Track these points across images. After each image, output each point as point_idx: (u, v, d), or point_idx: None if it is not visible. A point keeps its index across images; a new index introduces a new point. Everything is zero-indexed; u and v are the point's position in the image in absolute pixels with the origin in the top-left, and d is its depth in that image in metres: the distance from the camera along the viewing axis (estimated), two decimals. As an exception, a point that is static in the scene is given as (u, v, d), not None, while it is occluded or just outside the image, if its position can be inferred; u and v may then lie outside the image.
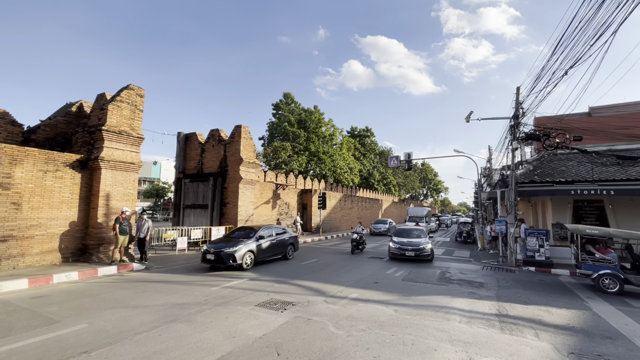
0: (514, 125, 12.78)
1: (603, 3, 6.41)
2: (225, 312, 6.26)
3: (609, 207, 12.91)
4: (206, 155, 18.45)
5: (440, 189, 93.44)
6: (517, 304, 7.32)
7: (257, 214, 19.78)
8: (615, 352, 4.86)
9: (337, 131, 46.29)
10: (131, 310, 6.30)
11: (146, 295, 7.36)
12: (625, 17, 5.84)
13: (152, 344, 4.71)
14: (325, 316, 6.09)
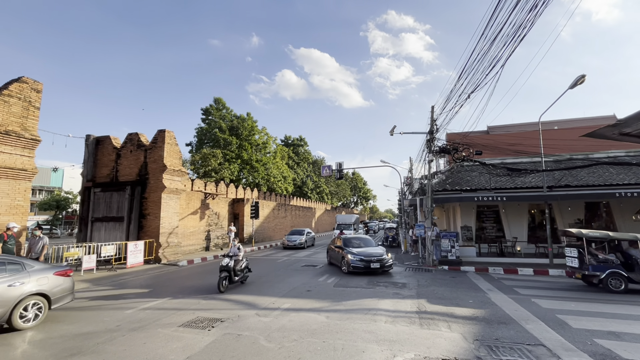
0: (429, 140, 14.33)
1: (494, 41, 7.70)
2: (142, 337, 5.60)
3: (502, 211, 15.29)
4: (122, 162, 16.52)
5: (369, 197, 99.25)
6: (434, 301, 8.10)
7: (183, 225, 18.33)
8: (509, 335, 5.71)
9: (270, 139, 45.93)
10: (12, 350, 5.21)
11: (39, 327, 6.17)
12: (510, 54, 7.10)
13: (44, 386, 3.95)
14: (257, 330, 5.89)
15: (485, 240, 15.70)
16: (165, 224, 15.58)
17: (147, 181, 15.75)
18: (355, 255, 11.68)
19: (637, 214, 14.14)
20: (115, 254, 13.67)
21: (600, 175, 14.23)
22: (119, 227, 15.67)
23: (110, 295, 8.91)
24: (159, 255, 14.98)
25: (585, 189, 13.61)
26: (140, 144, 16.34)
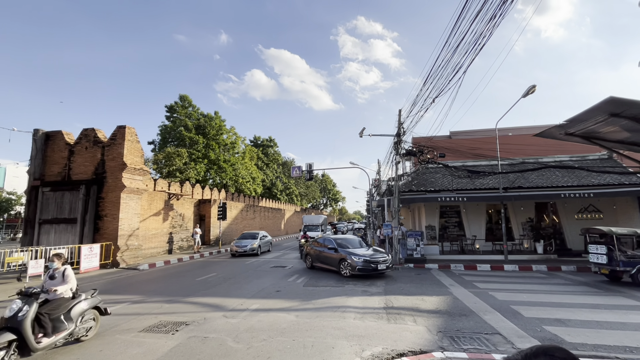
0: (397, 142, 14.81)
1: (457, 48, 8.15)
2: (98, 344, 5.23)
3: (463, 210, 16.16)
4: (76, 159, 15.35)
5: (338, 199, 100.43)
6: (401, 297, 8.36)
7: (145, 227, 17.38)
8: (469, 326, 6.04)
9: (239, 139, 44.96)
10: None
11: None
12: (471, 61, 7.56)
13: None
14: (224, 332, 5.73)
15: (447, 238, 16.48)
16: (125, 225, 14.68)
17: (105, 180, 14.76)
18: (359, 257, 10.89)
19: (579, 213, 15.58)
20: (67, 258, 12.62)
21: (548, 178, 15.53)
22: (72, 229, 14.52)
23: (60, 302, 8.21)
24: (117, 259, 14.08)
25: (535, 190, 14.78)
26: (97, 140, 15.28)
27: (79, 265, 12.63)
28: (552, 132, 2.81)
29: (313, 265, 12.98)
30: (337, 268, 11.54)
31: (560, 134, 2.80)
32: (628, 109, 2.17)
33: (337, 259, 11.60)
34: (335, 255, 11.72)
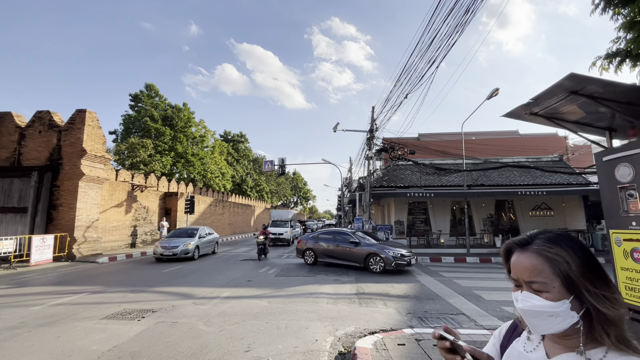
0: (369, 138, 15.14)
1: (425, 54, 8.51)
2: (55, 331, 4.88)
3: (430, 206, 16.87)
4: (28, 144, 14.10)
5: (309, 197, 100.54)
6: (371, 284, 8.58)
7: (105, 219, 16.34)
8: (435, 308, 6.34)
9: (209, 133, 43.60)
10: None
11: None
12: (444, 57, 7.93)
13: None
14: (194, 317, 5.56)
15: (415, 233, 17.11)
16: (83, 216, 13.73)
17: (61, 167, 13.70)
18: (396, 252, 10.28)
19: (533, 210, 16.86)
20: (14, 250, 11.57)
21: (507, 177, 16.64)
22: (21, 219, 13.33)
23: (8, 294, 7.54)
24: (72, 251, 13.13)
25: (495, 188, 15.77)
26: (52, 124, 14.14)
27: (28, 257, 11.62)
28: (518, 111, 3.04)
29: (317, 262, 11.91)
30: (361, 264, 10.66)
31: (525, 113, 3.04)
32: (586, 85, 2.41)
33: (362, 254, 10.69)
34: (359, 250, 10.83)
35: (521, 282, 0.80)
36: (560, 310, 0.73)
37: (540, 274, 0.76)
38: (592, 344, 0.75)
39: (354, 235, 11.36)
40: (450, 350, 0.80)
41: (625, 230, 2.69)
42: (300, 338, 4.60)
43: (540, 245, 0.78)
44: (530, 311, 0.76)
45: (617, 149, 2.78)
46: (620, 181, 2.71)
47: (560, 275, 0.74)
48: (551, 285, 0.75)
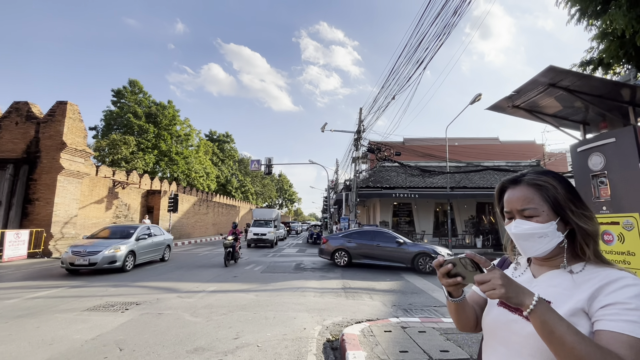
0: (357, 139, 15.36)
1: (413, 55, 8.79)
2: (34, 322, 4.73)
3: (414, 207, 17.23)
4: (3, 135, 13.52)
5: (295, 200, 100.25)
6: (357, 280, 8.70)
7: (84, 215, 15.82)
8: (420, 301, 6.51)
9: (194, 132, 42.91)
10: None
11: None
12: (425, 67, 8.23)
13: None
14: (180, 309, 5.50)
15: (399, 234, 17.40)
16: (61, 211, 13.25)
17: (39, 160, 13.20)
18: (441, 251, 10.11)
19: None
20: (-15, 245, 11.06)
21: (488, 180, 17.21)
22: (-7, 214, 12.72)
23: (-20, 287, 7.20)
24: (49, 247, 12.64)
25: (477, 190, 16.29)
26: (30, 115, 13.63)
27: (1, 252, 11.12)
28: (502, 104, 3.23)
29: (352, 262, 11.12)
30: (408, 264, 10.32)
31: (508, 106, 3.23)
32: (563, 77, 2.60)
33: (411, 254, 10.38)
34: (406, 250, 10.51)
35: (514, 213, 0.91)
36: (549, 230, 0.85)
37: (532, 201, 0.88)
38: (573, 260, 0.87)
39: (395, 234, 11.10)
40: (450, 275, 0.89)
41: (597, 214, 2.89)
42: (289, 327, 4.64)
43: (531, 178, 0.90)
44: (523, 234, 0.87)
45: (590, 140, 3.00)
46: (592, 169, 2.93)
47: (548, 200, 0.87)
48: (541, 210, 0.86)
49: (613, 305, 0.74)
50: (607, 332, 0.72)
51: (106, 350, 3.69)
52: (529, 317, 0.75)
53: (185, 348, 3.79)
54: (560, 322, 0.72)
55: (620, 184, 2.71)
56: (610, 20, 5.00)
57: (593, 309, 0.77)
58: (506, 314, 0.91)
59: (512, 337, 0.87)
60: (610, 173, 2.78)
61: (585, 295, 0.79)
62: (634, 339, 0.69)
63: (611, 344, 0.70)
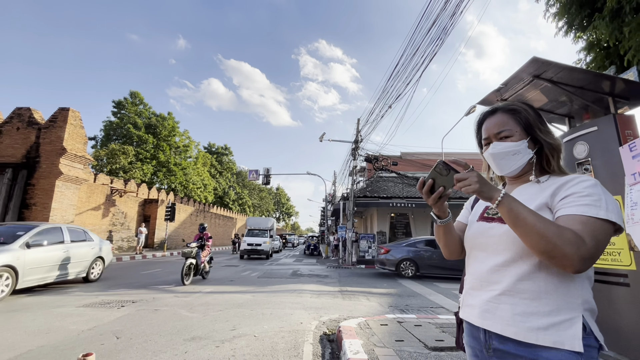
0: (354, 149, 15.59)
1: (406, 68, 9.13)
2: (29, 315, 4.71)
3: (411, 217, 17.29)
4: (4, 140, 13.61)
5: (292, 213, 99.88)
6: (354, 285, 8.69)
7: (81, 222, 15.73)
8: (416, 302, 6.52)
9: (192, 144, 43.18)
10: None
11: None
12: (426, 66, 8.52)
13: None
14: (177, 306, 5.49)
15: (396, 244, 17.41)
16: (57, 217, 13.19)
17: (38, 165, 13.24)
18: None
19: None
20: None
21: (483, 191, 17.39)
22: (-11, 218, 12.65)
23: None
24: (44, 253, 12.50)
25: (473, 201, 16.42)
26: (32, 121, 13.77)
27: (-5, 257, 10.96)
28: (491, 97, 3.41)
29: (420, 274, 10.51)
30: None
31: (497, 99, 3.41)
32: (547, 69, 2.78)
33: None
34: None
35: (491, 138, 1.04)
36: (522, 147, 0.99)
37: (507, 124, 1.01)
38: (540, 174, 1.01)
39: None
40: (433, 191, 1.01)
41: (583, 200, 3.02)
42: (286, 321, 4.65)
43: (506, 104, 1.05)
44: (499, 153, 1.01)
45: (575, 130, 3.17)
46: (577, 157, 3.08)
47: (521, 122, 1.01)
48: (514, 131, 1.00)
49: (570, 195, 0.87)
50: (564, 216, 0.85)
51: (103, 339, 3.69)
52: (497, 207, 0.87)
53: (182, 337, 3.80)
54: (523, 208, 0.85)
55: (603, 169, 2.86)
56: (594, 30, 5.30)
57: (554, 202, 0.90)
58: (484, 225, 1.03)
59: (489, 240, 0.98)
60: (594, 159, 2.92)
61: (548, 193, 0.92)
62: (586, 217, 0.82)
63: (567, 222, 0.83)
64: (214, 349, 3.45)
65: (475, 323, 0.97)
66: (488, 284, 0.95)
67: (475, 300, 0.99)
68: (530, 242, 0.82)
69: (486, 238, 0.99)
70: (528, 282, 0.87)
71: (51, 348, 3.39)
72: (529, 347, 0.85)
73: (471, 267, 1.04)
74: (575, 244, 0.77)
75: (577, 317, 0.83)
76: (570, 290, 0.85)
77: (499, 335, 0.91)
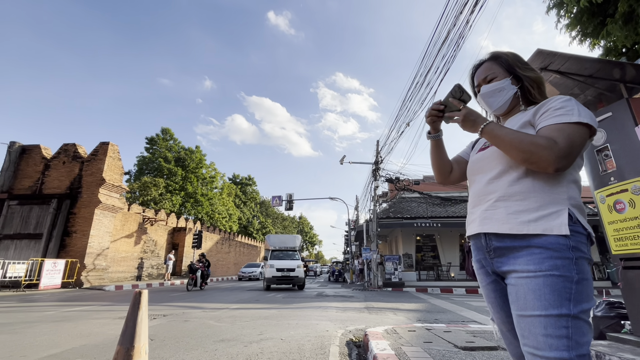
0: (375, 170, 15.70)
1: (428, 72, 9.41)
2: (72, 324, 5.00)
3: (437, 237, 16.78)
4: (51, 173, 14.93)
5: (315, 242, 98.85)
6: (381, 302, 8.47)
7: (115, 249, 16.52)
8: (446, 317, 6.27)
9: (218, 175, 44.89)
10: None
11: None
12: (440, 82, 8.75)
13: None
14: (205, 318, 5.62)
15: (424, 267, 16.81)
16: (95, 243, 13.99)
17: (79, 195, 14.32)
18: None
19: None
20: (25, 275, 11.72)
21: (513, 209, 16.71)
22: (35, 245, 13.61)
23: (20, 306, 7.64)
24: (81, 278, 13.17)
25: (502, 219, 15.78)
26: (76, 155, 15.09)
27: (38, 282, 11.70)
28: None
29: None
30: None
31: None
32: (552, 60, 2.91)
33: None
34: None
35: (481, 84, 1.21)
36: (505, 84, 1.15)
37: (491, 69, 1.20)
38: (527, 105, 1.16)
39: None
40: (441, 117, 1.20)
41: (606, 187, 3.00)
42: (312, 329, 4.65)
43: (490, 54, 1.23)
44: (487, 92, 1.18)
45: (590, 118, 3.20)
46: (596, 145, 3.10)
47: (502, 64, 1.18)
48: (498, 72, 1.18)
49: (547, 111, 1.02)
50: (543, 128, 1.00)
51: (138, 340, 3.87)
52: (481, 134, 1.05)
53: (211, 339, 3.91)
54: (503, 129, 1.02)
55: (622, 153, 2.86)
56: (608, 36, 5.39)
57: (536, 120, 1.05)
58: (481, 153, 1.18)
59: (484, 162, 1.13)
60: (612, 144, 2.93)
61: (530, 113, 1.08)
62: (560, 124, 0.96)
63: (545, 133, 0.97)
64: (242, 347, 3.53)
65: (477, 231, 1.08)
66: (485, 195, 1.08)
67: (475, 214, 1.11)
68: (512, 154, 0.98)
69: (482, 161, 1.14)
70: (518, 185, 1.00)
71: (92, 346, 3.61)
72: (522, 239, 0.96)
73: (472, 191, 1.17)
74: (548, 147, 0.91)
75: (563, 210, 0.94)
76: (555, 189, 0.97)
77: (496, 235, 1.02)
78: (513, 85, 1.15)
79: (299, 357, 3.20)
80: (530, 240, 0.94)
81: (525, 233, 0.95)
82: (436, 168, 1.32)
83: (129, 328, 1.71)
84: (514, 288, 0.96)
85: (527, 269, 0.93)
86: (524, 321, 0.91)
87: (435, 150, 1.29)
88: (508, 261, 0.99)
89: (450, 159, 1.33)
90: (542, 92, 1.16)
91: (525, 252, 0.95)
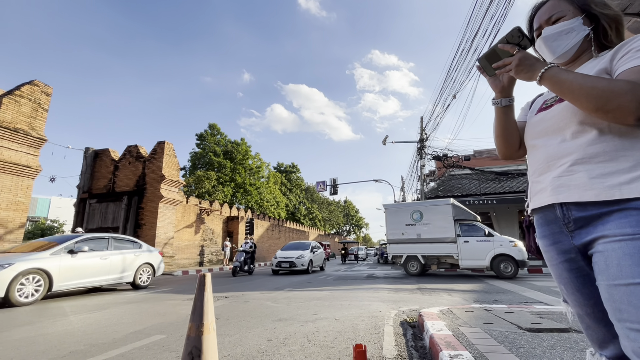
0: (420, 148, 15.05)
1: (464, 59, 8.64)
2: (149, 305, 5.64)
3: (493, 214, 15.75)
4: (120, 173, 16.66)
5: (362, 225, 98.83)
6: (434, 283, 8.27)
7: (178, 238, 18.14)
8: (507, 298, 5.93)
9: (264, 165, 46.56)
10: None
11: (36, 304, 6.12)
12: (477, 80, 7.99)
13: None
14: (262, 299, 5.98)
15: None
16: (161, 233, 15.46)
17: (145, 191, 15.84)
18: None
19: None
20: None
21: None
22: (113, 237, 15.44)
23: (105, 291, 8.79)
24: (153, 265, 14.70)
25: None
26: (139, 155, 16.62)
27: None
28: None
29: None
30: None
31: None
32: (633, 2, 2.48)
33: None
34: None
35: (543, 26, 1.04)
36: (576, 24, 0.97)
37: (558, 6, 1.01)
38: (600, 50, 0.99)
39: None
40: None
41: None
42: (364, 309, 4.71)
43: None
44: (552, 34, 1.00)
45: None
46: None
47: (573, 2, 1.00)
48: (567, 11, 1.00)
49: (627, 52, 0.86)
50: (622, 73, 0.84)
51: (206, 319, 4.25)
52: (540, 82, 0.90)
53: (270, 319, 4.16)
54: (570, 73, 0.85)
55: None
56: None
57: (613, 65, 0.88)
58: (543, 114, 1.04)
59: (549, 122, 0.99)
60: None
61: (607, 58, 0.91)
62: None
63: (625, 77, 0.82)
64: (299, 326, 3.70)
65: (549, 202, 0.94)
66: (556, 160, 0.94)
67: (544, 183, 0.97)
68: (582, 104, 0.82)
69: (546, 122, 1.00)
70: (601, 144, 0.85)
71: (167, 324, 4.04)
72: (613, 204, 0.82)
73: (534, 157, 1.03)
74: (629, 91, 0.76)
75: None
76: None
77: (577, 204, 0.88)
78: (585, 25, 0.97)
79: (353, 336, 3.27)
80: (623, 204, 0.80)
81: (619, 198, 0.80)
82: (503, 140, 1.13)
83: (197, 307, 1.87)
84: (602, 255, 0.82)
85: (621, 232, 0.79)
86: (619, 292, 0.77)
87: (502, 120, 1.10)
88: (595, 229, 0.86)
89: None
90: (620, 34, 0.97)
91: (617, 215, 0.81)
